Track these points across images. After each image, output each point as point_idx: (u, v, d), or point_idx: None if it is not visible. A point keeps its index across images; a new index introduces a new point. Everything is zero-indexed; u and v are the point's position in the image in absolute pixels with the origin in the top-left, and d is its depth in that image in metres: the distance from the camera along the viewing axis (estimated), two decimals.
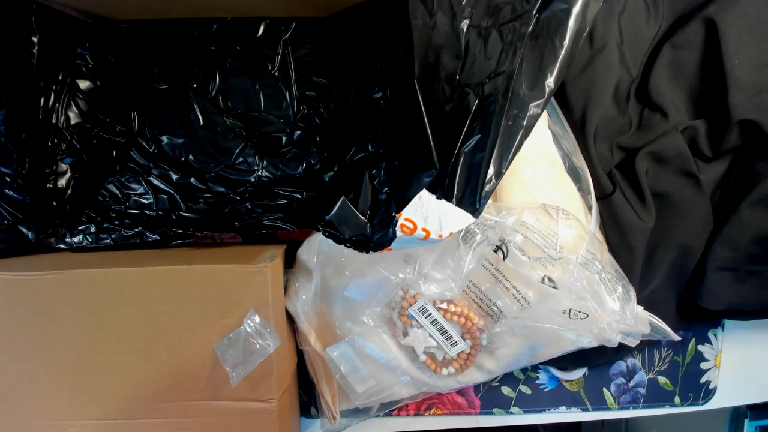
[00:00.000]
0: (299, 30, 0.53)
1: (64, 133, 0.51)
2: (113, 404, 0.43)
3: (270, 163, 0.53)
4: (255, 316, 0.43)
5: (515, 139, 0.38)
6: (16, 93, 0.45)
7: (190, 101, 0.52)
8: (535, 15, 0.40)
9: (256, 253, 0.47)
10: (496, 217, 0.46)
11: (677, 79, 0.54)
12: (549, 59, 0.39)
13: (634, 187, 0.53)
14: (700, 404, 0.61)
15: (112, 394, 0.43)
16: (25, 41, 0.46)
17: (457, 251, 0.47)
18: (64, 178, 0.51)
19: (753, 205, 0.52)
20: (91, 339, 0.43)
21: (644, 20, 0.54)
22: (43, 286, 0.41)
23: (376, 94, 0.50)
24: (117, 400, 0.44)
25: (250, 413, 0.44)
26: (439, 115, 0.41)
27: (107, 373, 0.37)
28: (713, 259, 0.54)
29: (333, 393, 0.52)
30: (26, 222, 0.46)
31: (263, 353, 0.43)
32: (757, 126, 0.51)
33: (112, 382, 0.43)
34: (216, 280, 0.43)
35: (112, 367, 0.37)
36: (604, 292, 0.45)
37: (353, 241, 0.44)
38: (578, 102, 0.52)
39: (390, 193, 0.44)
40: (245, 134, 0.53)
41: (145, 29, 0.52)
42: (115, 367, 0.43)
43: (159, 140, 0.52)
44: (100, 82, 0.52)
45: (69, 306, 0.43)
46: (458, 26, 0.41)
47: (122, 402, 0.44)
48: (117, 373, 0.43)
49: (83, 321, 0.43)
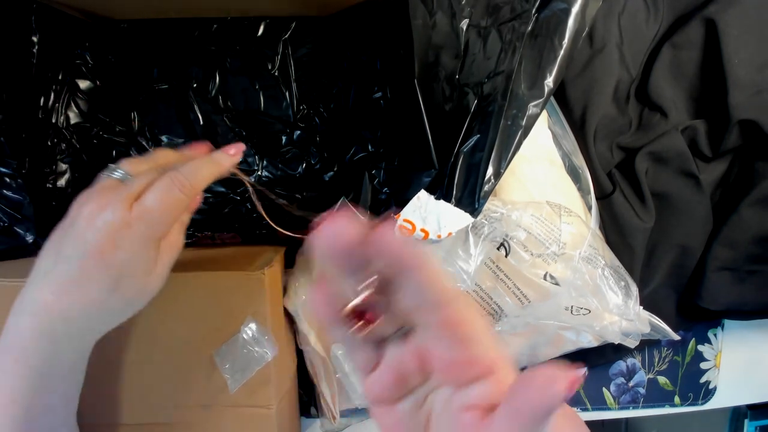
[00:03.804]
0: (299, 30, 0.53)
1: (64, 133, 0.51)
2: (110, 409, 0.43)
3: (270, 163, 0.53)
4: (252, 323, 0.43)
5: (514, 139, 0.38)
6: (16, 93, 0.45)
7: (190, 101, 0.52)
8: (534, 14, 0.40)
9: (254, 257, 0.46)
10: (502, 209, 0.46)
11: (677, 79, 0.54)
12: (548, 59, 0.39)
13: (634, 187, 0.53)
14: (700, 404, 0.61)
15: (110, 400, 0.43)
16: (25, 41, 0.46)
17: (466, 242, 0.46)
18: (64, 178, 0.51)
19: (753, 205, 0.52)
20: None
21: (644, 20, 0.54)
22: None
23: (376, 94, 0.50)
24: (114, 405, 0.43)
25: (248, 419, 0.44)
26: (439, 115, 0.41)
27: (105, 379, 0.36)
28: (713, 259, 0.54)
29: (333, 393, 0.52)
30: (24, 223, 0.46)
31: (261, 361, 0.43)
32: (757, 126, 0.51)
33: (109, 387, 0.43)
34: (214, 287, 0.43)
35: (109, 373, 0.37)
36: (606, 288, 0.45)
37: None
38: (578, 102, 0.52)
39: (390, 193, 0.44)
40: (245, 134, 0.53)
41: (145, 29, 0.52)
42: (113, 372, 0.43)
43: (159, 140, 0.52)
44: (100, 82, 0.52)
45: None
46: (458, 26, 0.41)
47: (119, 407, 0.44)
48: (116, 378, 0.43)
49: None
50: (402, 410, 0.26)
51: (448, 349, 0.23)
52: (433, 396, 0.26)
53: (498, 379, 0.23)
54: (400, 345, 0.25)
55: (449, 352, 0.23)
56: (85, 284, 0.32)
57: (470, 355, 0.23)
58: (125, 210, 0.33)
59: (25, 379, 0.32)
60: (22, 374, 0.32)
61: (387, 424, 0.26)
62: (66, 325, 0.32)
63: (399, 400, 0.26)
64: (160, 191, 0.34)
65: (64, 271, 0.32)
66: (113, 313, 0.35)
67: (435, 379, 0.25)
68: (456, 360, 0.23)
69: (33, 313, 0.32)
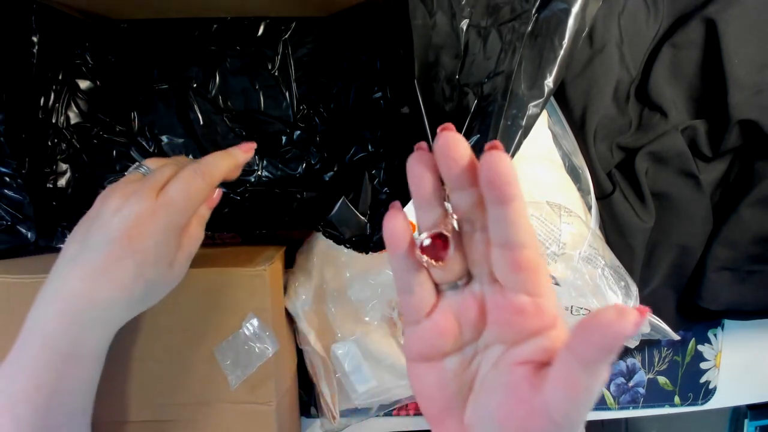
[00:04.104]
0: (299, 30, 0.53)
1: (64, 133, 0.51)
2: (112, 405, 0.43)
3: (270, 163, 0.53)
4: (254, 319, 0.43)
5: (514, 139, 0.38)
6: (16, 93, 0.45)
7: (190, 101, 0.52)
8: (534, 14, 0.40)
9: (255, 255, 0.47)
10: None
11: (677, 79, 0.54)
12: (548, 59, 0.39)
13: (634, 187, 0.53)
14: (699, 404, 0.61)
15: (111, 396, 0.43)
16: (25, 41, 0.46)
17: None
18: (64, 178, 0.51)
19: (753, 205, 0.52)
20: None
21: (644, 20, 0.54)
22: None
23: (376, 94, 0.50)
24: (115, 401, 0.44)
25: (249, 415, 0.44)
26: (439, 115, 0.41)
27: (106, 375, 0.37)
28: (713, 259, 0.54)
29: (333, 393, 0.52)
30: (26, 222, 0.46)
31: (262, 357, 0.43)
32: (757, 126, 0.51)
33: (111, 383, 0.43)
34: (215, 283, 0.43)
35: (111, 370, 0.37)
36: (606, 288, 0.45)
37: (353, 242, 0.44)
38: (578, 102, 0.52)
39: (390, 193, 0.44)
40: (245, 134, 0.53)
41: (145, 29, 0.52)
42: (114, 369, 0.43)
43: (159, 140, 0.52)
44: (100, 82, 0.52)
45: None
46: (458, 26, 0.41)
47: (120, 404, 0.44)
48: (116, 375, 0.43)
49: None
50: (447, 368, 0.26)
51: (517, 295, 0.23)
52: (481, 356, 0.26)
53: (555, 335, 0.24)
54: (460, 292, 0.25)
55: (518, 298, 0.23)
56: (112, 270, 0.33)
57: (538, 304, 0.23)
58: (151, 199, 0.34)
59: (51, 365, 0.33)
60: (48, 359, 0.33)
61: (428, 383, 0.26)
62: (93, 311, 0.33)
63: (446, 355, 0.26)
64: (183, 180, 0.36)
65: (91, 258, 0.33)
66: (136, 301, 0.35)
67: (490, 334, 0.25)
68: (523, 308, 0.23)
69: (61, 299, 0.33)
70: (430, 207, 0.24)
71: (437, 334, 0.25)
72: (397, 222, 0.24)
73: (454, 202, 0.24)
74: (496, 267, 0.24)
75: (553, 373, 0.22)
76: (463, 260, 0.25)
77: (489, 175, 0.21)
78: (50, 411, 0.33)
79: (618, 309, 0.20)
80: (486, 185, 0.22)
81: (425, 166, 0.24)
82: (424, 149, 0.24)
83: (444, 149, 0.23)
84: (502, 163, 0.21)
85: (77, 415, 0.35)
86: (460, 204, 0.24)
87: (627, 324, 0.20)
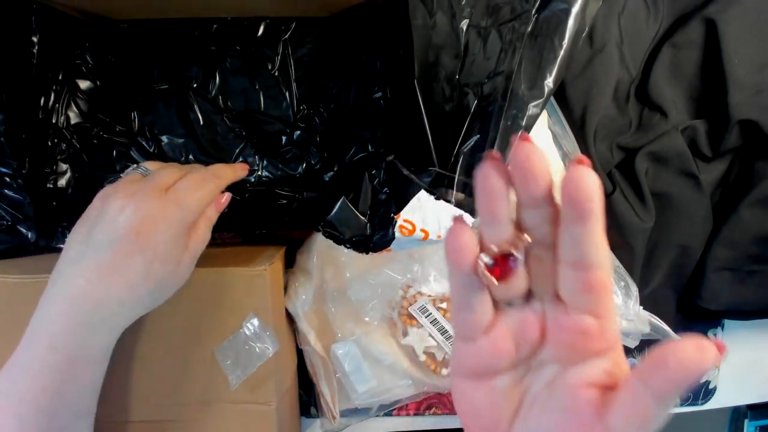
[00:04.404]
0: (299, 30, 0.53)
1: (64, 133, 0.51)
2: (112, 405, 0.43)
3: (270, 163, 0.53)
4: (254, 319, 0.43)
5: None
6: (16, 93, 0.45)
7: (190, 101, 0.52)
8: (534, 15, 0.40)
9: (255, 255, 0.47)
10: None
11: (677, 79, 0.54)
12: (548, 59, 0.39)
13: (634, 187, 0.53)
14: (700, 404, 0.61)
15: (112, 396, 0.43)
16: (25, 41, 0.46)
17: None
18: (64, 178, 0.51)
19: (753, 205, 0.52)
20: None
21: (644, 20, 0.54)
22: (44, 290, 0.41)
23: (376, 94, 0.50)
24: (116, 401, 0.44)
25: (249, 415, 0.44)
26: (439, 115, 0.41)
27: (107, 375, 0.37)
28: (713, 259, 0.54)
29: (333, 393, 0.52)
30: (26, 222, 0.46)
31: (262, 356, 0.43)
32: (756, 126, 0.51)
33: (111, 383, 0.43)
34: (216, 283, 0.43)
35: (111, 369, 0.37)
36: None
37: (353, 242, 0.44)
38: (578, 102, 0.52)
39: (390, 193, 0.44)
40: (245, 134, 0.53)
41: (145, 29, 0.52)
42: (115, 369, 0.43)
43: (159, 140, 0.52)
44: (100, 82, 0.52)
45: None
46: (458, 26, 0.41)
47: (120, 403, 0.44)
48: (117, 374, 0.43)
49: None
50: (497, 387, 0.25)
51: (582, 316, 0.22)
52: (534, 374, 0.25)
53: (616, 357, 0.23)
54: (520, 310, 0.24)
55: (583, 319, 0.22)
56: (120, 268, 0.33)
57: (603, 326, 0.22)
58: (158, 197, 0.34)
59: (57, 367, 0.33)
60: (54, 361, 0.33)
61: (476, 401, 0.25)
62: (100, 312, 0.33)
63: (498, 374, 0.25)
64: (194, 179, 0.36)
65: (96, 257, 0.33)
66: (142, 301, 0.35)
67: (548, 353, 0.24)
68: (588, 329, 0.22)
69: (66, 300, 0.33)
70: (500, 224, 0.22)
71: (493, 353, 0.24)
72: (463, 237, 0.22)
73: (525, 220, 0.22)
74: (564, 286, 0.22)
75: (621, 399, 0.21)
76: (526, 278, 0.23)
77: (574, 191, 0.20)
78: (55, 412, 0.33)
79: (697, 344, 0.19)
80: (568, 202, 0.20)
81: (500, 180, 0.21)
82: (497, 160, 0.22)
83: (524, 164, 0.21)
84: (588, 179, 0.20)
85: (81, 416, 0.35)
86: (531, 221, 0.22)
87: (706, 361, 0.19)
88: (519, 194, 0.22)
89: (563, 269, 0.22)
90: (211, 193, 0.37)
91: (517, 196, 0.22)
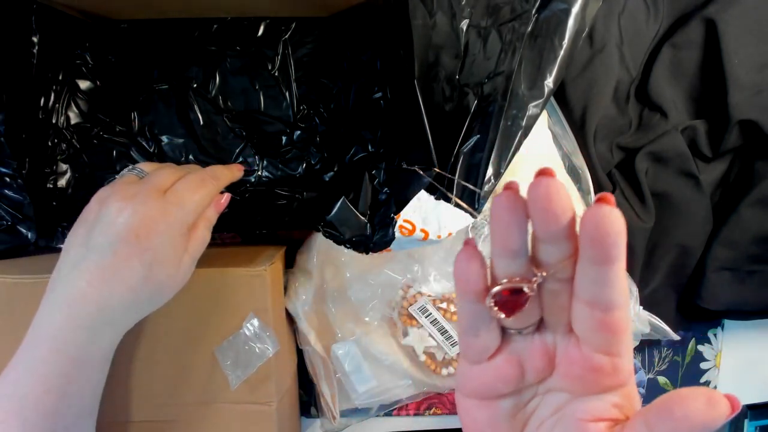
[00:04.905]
0: (299, 30, 0.53)
1: (64, 133, 0.51)
2: (113, 405, 0.43)
3: (270, 163, 0.53)
4: (254, 319, 0.43)
5: (514, 140, 0.38)
6: (16, 93, 0.45)
7: (190, 101, 0.52)
8: (534, 15, 0.40)
9: (256, 255, 0.47)
10: None
11: (677, 79, 0.54)
12: (548, 59, 0.39)
13: (634, 187, 0.53)
14: None
15: (112, 396, 0.43)
16: (25, 41, 0.46)
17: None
18: (64, 178, 0.51)
19: (753, 205, 0.52)
20: None
21: (644, 20, 0.54)
22: (44, 290, 0.41)
23: (376, 94, 0.50)
24: (116, 401, 0.44)
25: (249, 416, 0.44)
26: (439, 115, 0.41)
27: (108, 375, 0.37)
28: (713, 259, 0.54)
29: (333, 393, 0.52)
30: (26, 222, 0.46)
31: (262, 357, 0.43)
32: (756, 126, 0.51)
33: (111, 384, 0.43)
34: (216, 284, 0.43)
35: (112, 370, 0.37)
36: None
37: (353, 242, 0.44)
38: (578, 102, 0.52)
39: (390, 193, 0.44)
40: (245, 134, 0.53)
41: (145, 29, 0.52)
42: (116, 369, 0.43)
43: (159, 140, 0.52)
44: (100, 82, 0.52)
45: None
46: (458, 26, 0.41)
47: (121, 404, 0.44)
48: (117, 375, 0.43)
49: None
50: (501, 408, 0.24)
51: (595, 353, 0.22)
52: (540, 399, 0.24)
53: (627, 392, 0.23)
54: (529, 338, 0.23)
55: (596, 357, 0.22)
56: (120, 270, 0.33)
57: (616, 364, 0.22)
58: (157, 198, 0.34)
59: (60, 369, 0.33)
60: (57, 364, 0.33)
61: (479, 420, 0.25)
62: (102, 314, 0.33)
63: (503, 396, 0.24)
64: (193, 181, 0.36)
65: (97, 259, 0.33)
66: (143, 303, 0.35)
67: (556, 382, 0.24)
68: (601, 367, 0.22)
69: (68, 303, 0.33)
70: (514, 257, 0.21)
71: (497, 378, 0.24)
72: (473, 266, 0.21)
73: (541, 254, 0.21)
74: (578, 323, 0.22)
75: None
76: (537, 310, 0.22)
77: (596, 232, 0.19)
78: (58, 414, 0.33)
79: (708, 398, 0.19)
80: (589, 242, 0.19)
81: (516, 213, 0.20)
82: (515, 190, 0.20)
83: (545, 201, 0.19)
84: (612, 220, 0.18)
85: (85, 416, 0.35)
86: (547, 257, 0.21)
87: (717, 416, 0.18)
88: (536, 229, 0.20)
89: (580, 306, 0.21)
90: (210, 194, 0.37)
91: (534, 230, 0.21)
